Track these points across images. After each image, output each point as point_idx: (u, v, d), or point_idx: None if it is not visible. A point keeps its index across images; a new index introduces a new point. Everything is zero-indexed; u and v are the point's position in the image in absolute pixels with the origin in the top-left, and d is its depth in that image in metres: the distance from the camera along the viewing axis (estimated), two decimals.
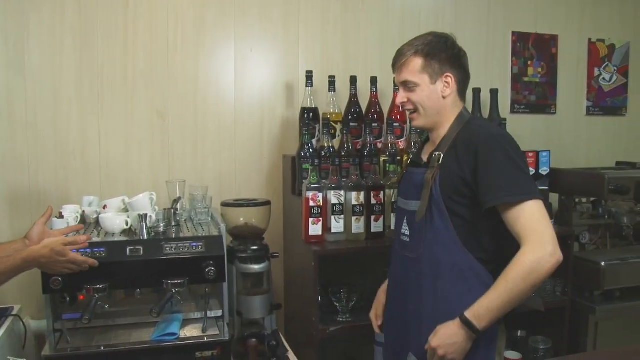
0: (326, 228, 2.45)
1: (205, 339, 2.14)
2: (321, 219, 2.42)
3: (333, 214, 2.44)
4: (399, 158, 2.58)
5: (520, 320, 2.81)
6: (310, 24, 2.89)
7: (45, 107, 2.58)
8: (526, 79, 3.32)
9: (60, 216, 2.22)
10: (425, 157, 1.87)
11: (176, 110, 2.75)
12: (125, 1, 2.65)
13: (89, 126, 2.65)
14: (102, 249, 2.08)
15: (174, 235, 2.23)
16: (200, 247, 2.16)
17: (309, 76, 2.67)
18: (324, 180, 2.47)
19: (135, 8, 2.66)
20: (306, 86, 2.68)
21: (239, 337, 2.32)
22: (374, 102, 2.71)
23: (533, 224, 1.62)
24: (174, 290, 2.11)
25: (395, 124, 2.66)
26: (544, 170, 2.91)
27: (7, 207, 2.57)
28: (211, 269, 2.12)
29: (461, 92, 1.85)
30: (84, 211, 2.42)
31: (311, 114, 2.66)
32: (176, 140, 2.76)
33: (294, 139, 2.79)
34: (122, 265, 2.07)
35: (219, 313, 2.27)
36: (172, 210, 2.40)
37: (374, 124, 2.64)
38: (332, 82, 2.67)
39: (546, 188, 2.88)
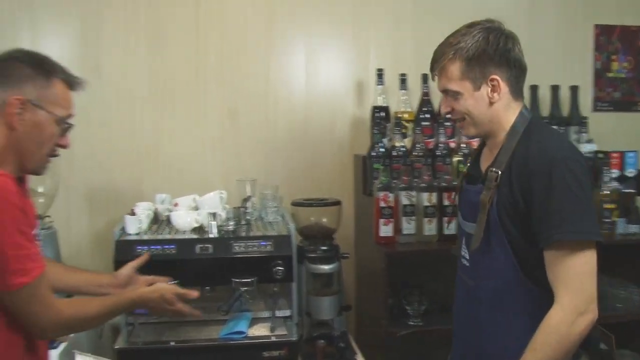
0: (397, 229, 2.40)
1: (273, 339, 2.12)
2: (392, 219, 2.37)
3: (404, 215, 2.38)
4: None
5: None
6: (381, 21, 2.83)
7: (120, 107, 2.66)
8: (610, 75, 3.14)
9: (132, 213, 2.26)
10: (484, 168, 1.61)
11: (247, 109, 2.76)
12: (197, 2, 2.68)
13: (162, 125, 2.70)
14: (172, 246, 2.11)
15: (243, 234, 2.23)
16: (269, 246, 2.15)
17: (380, 74, 2.62)
18: (395, 181, 2.41)
19: (206, 7, 2.69)
20: (377, 84, 2.63)
21: (307, 337, 2.30)
22: None
23: (577, 275, 1.38)
24: (242, 289, 2.12)
25: None
26: (630, 172, 2.72)
27: (86, 205, 2.66)
28: (279, 269, 2.11)
29: (515, 90, 1.55)
30: (156, 208, 2.46)
31: (382, 113, 2.61)
32: (247, 139, 2.76)
33: (365, 138, 2.73)
34: (192, 262, 2.09)
35: (288, 313, 2.26)
36: (242, 209, 2.41)
37: (446, 123, 2.56)
38: (403, 80, 2.61)
39: (633, 191, 2.70)
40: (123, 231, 2.22)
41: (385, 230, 2.37)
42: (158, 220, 2.44)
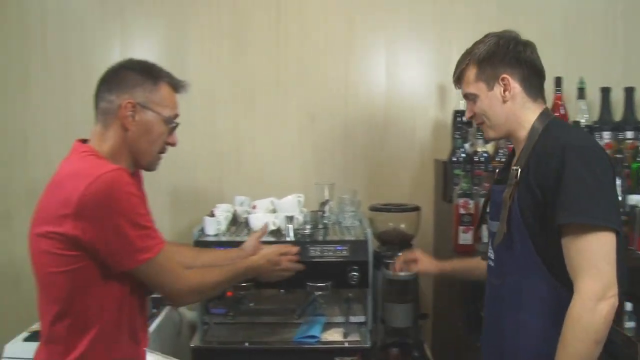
0: (477, 237, 2.32)
1: (346, 345, 2.11)
2: (472, 227, 2.29)
3: (485, 223, 2.30)
4: None
5: None
6: (464, 22, 2.75)
7: (203, 110, 2.73)
8: None
9: (212, 215, 2.31)
10: None
11: (326, 112, 2.76)
12: (277, 7, 2.72)
13: (243, 128, 2.76)
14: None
15: (320, 238, 2.23)
16: (344, 251, 2.14)
17: None
18: (476, 187, 2.34)
19: (287, 12, 2.72)
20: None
21: (381, 345, 2.27)
22: None
23: (590, 259, 1.35)
24: (316, 293, 2.11)
25: None
26: None
27: (169, 204, 2.75)
28: (354, 274, 2.09)
29: (530, 90, 1.57)
30: (235, 210, 2.50)
31: (464, 117, 2.52)
32: (326, 142, 2.76)
33: (446, 143, 2.67)
34: None
35: (363, 319, 2.23)
36: (320, 213, 2.40)
37: None
38: None
39: None
40: (202, 232, 2.27)
41: (465, 238, 2.30)
42: (237, 222, 2.48)
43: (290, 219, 2.24)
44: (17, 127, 2.76)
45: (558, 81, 2.53)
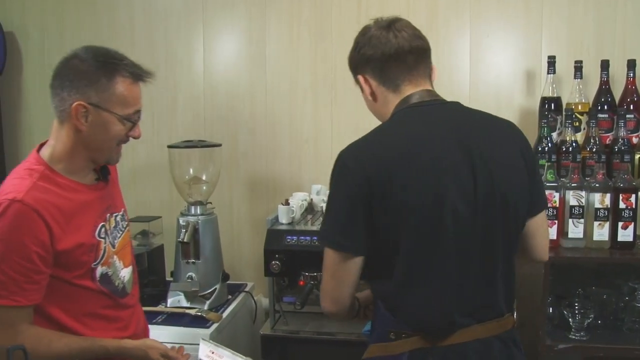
0: (562, 232, 2.18)
1: None
2: (556, 221, 2.16)
3: (571, 217, 2.16)
4: None
5: None
6: (556, 3, 2.57)
7: (282, 99, 2.74)
8: None
9: (286, 203, 2.31)
10: None
11: None
12: None
13: (322, 116, 2.73)
14: (315, 238, 2.12)
15: None
16: None
17: (551, 62, 2.39)
18: (562, 179, 2.20)
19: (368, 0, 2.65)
20: (548, 73, 2.40)
21: None
22: (630, 89, 2.33)
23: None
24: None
25: None
26: None
27: (247, 193, 2.79)
28: None
29: (389, 82, 1.52)
30: (312, 199, 2.50)
31: (552, 104, 2.38)
32: None
33: (533, 132, 2.52)
34: None
35: None
36: None
37: (628, 115, 2.27)
38: (578, 67, 2.35)
39: None
40: (276, 220, 2.28)
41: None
42: (313, 211, 2.48)
43: None
44: None
45: (631, 64, 2.33)
